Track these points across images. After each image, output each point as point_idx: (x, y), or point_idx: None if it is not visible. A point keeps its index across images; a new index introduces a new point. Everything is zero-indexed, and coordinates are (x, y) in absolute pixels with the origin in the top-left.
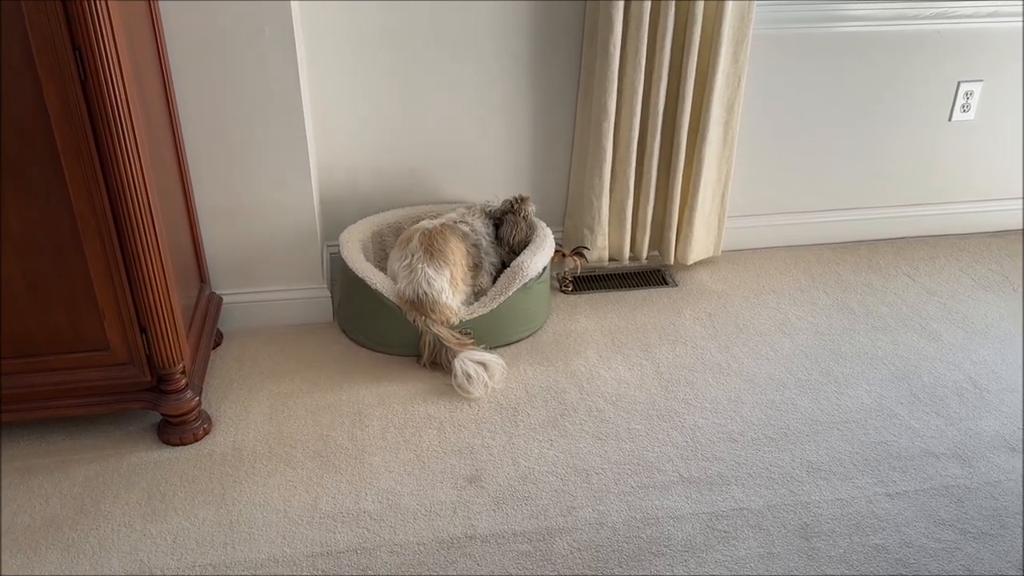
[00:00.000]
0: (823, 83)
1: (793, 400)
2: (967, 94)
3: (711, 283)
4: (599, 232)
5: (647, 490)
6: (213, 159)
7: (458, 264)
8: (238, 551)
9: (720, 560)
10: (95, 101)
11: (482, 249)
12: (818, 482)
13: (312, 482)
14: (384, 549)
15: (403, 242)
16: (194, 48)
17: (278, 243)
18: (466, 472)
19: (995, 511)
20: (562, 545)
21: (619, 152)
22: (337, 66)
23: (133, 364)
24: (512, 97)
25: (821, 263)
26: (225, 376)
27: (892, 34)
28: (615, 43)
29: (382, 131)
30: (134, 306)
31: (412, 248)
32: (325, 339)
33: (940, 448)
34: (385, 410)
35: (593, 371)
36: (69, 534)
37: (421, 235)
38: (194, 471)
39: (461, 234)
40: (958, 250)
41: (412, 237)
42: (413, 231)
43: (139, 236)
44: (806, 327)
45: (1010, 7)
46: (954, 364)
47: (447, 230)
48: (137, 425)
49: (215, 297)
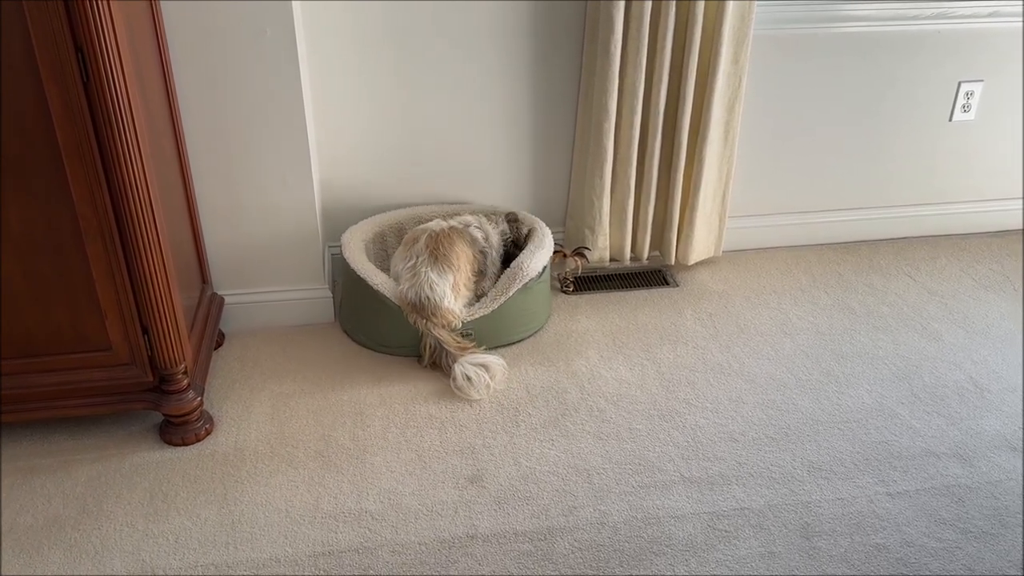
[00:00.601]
0: (823, 83)
1: (794, 400)
2: (968, 94)
3: (712, 283)
4: (600, 232)
5: (648, 490)
6: (214, 159)
7: (462, 270)
8: (240, 551)
9: (721, 560)
10: (97, 101)
11: (489, 259)
12: (819, 482)
13: (314, 482)
14: (386, 549)
15: (409, 242)
16: (195, 48)
17: (279, 243)
18: (467, 472)
19: (996, 511)
20: (563, 545)
21: (620, 152)
22: (339, 66)
23: (135, 364)
24: (513, 97)
25: (822, 263)
26: (227, 376)
27: (893, 34)
28: (616, 43)
29: (383, 131)
30: (136, 306)
31: (417, 250)
32: (326, 339)
33: (941, 448)
34: (386, 410)
35: (594, 371)
36: (72, 534)
37: (428, 237)
38: (196, 471)
39: (470, 239)
40: (959, 250)
41: (419, 238)
42: (420, 232)
43: (141, 236)
44: (807, 327)
45: (1010, 7)
46: (955, 364)
47: (455, 234)
48: (139, 425)
49: (217, 297)
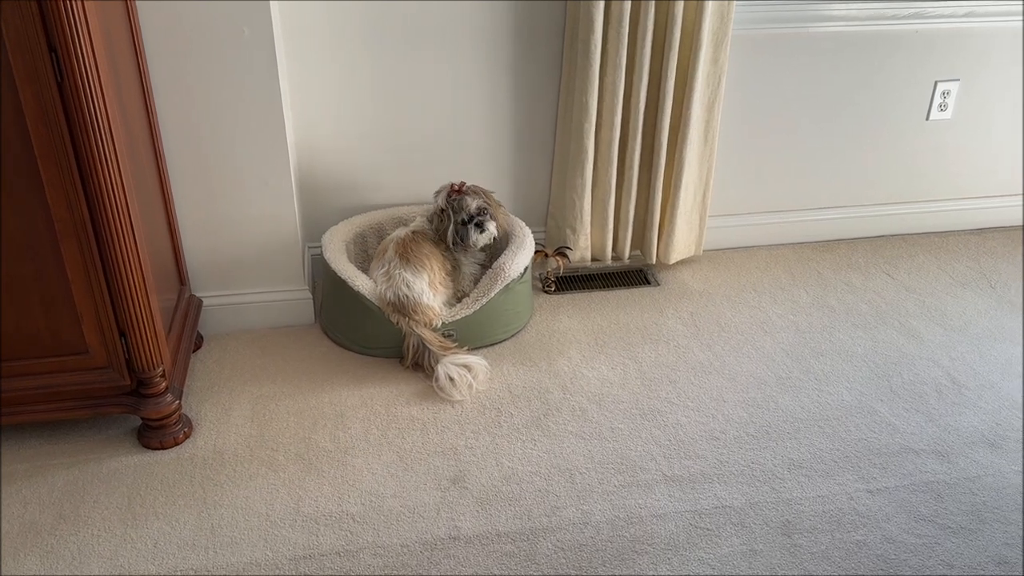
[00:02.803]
0: (802, 83)
1: (775, 398)
2: (944, 93)
3: (693, 282)
4: (581, 232)
5: (630, 489)
6: (192, 159)
7: (435, 269)
8: (220, 555)
9: (703, 558)
10: (72, 103)
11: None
12: (800, 479)
13: (294, 485)
14: (367, 551)
15: (380, 253)
16: (172, 48)
17: (258, 245)
18: (449, 473)
19: (974, 506)
20: (546, 545)
21: (600, 152)
22: (318, 66)
23: (112, 368)
24: (494, 97)
25: (801, 262)
26: (206, 379)
27: (870, 34)
28: (596, 43)
29: (363, 132)
30: (113, 309)
31: (388, 257)
32: (307, 341)
33: (920, 444)
34: (368, 412)
35: (576, 371)
36: (48, 540)
37: (395, 244)
38: (175, 475)
39: (434, 239)
40: (936, 248)
41: (387, 248)
42: (387, 242)
43: (117, 238)
44: (787, 325)
45: (985, 7)
46: (933, 361)
47: (419, 236)
48: (117, 429)
49: (195, 299)
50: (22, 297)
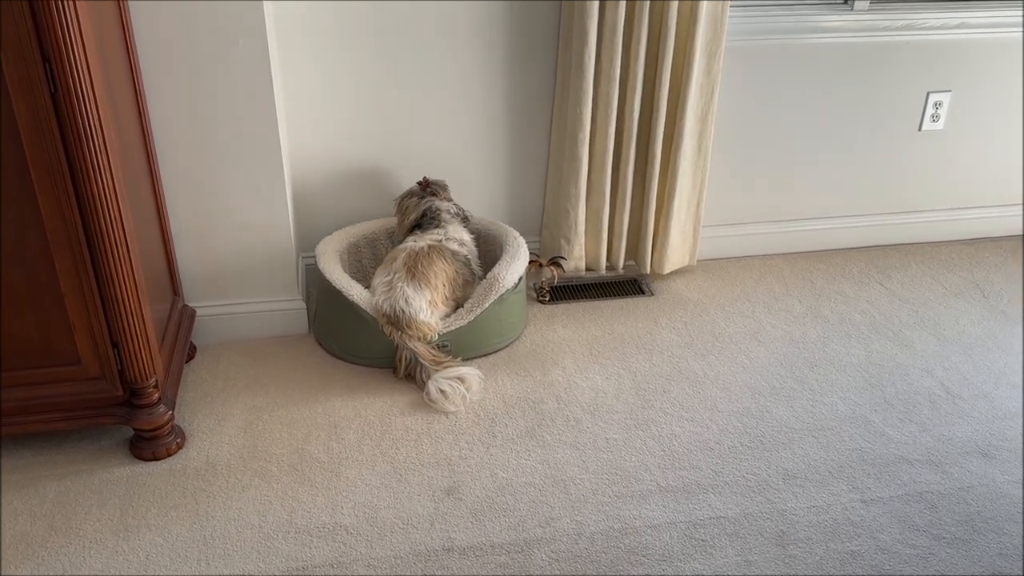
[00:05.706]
0: (795, 94)
1: (769, 408)
2: (936, 104)
3: (687, 292)
4: (576, 242)
5: (625, 499)
6: (186, 169)
7: (439, 288)
8: (212, 567)
9: (698, 569)
10: (65, 113)
11: (473, 262)
12: (794, 489)
13: (287, 496)
14: (361, 563)
15: (388, 260)
16: (166, 57)
17: (252, 254)
18: (443, 484)
19: (968, 516)
20: (540, 556)
21: (595, 162)
22: (312, 74)
23: (105, 378)
24: (488, 108)
25: (795, 272)
26: (199, 389)
27: (863, 45)
28: (590, 54)
29: (357, 141)
30: (105, 319)
31: (395, 267)
32: (301, 351)
33: (914, 454)
34: (361, 422)
35: (570, 381)
36: (40, 552)
37: (407, 255)
38: (167, 486)
39: (451, 253)
40: (929, 258)
41: (397, 257)
42: (399, 251)
43: (111, 248)
44: (780, 335)
45: (977, 19)
46: (926, 371)
47: (434, 252)
48: (109, 440)
49: (188, 309)
50: (14, 307)
